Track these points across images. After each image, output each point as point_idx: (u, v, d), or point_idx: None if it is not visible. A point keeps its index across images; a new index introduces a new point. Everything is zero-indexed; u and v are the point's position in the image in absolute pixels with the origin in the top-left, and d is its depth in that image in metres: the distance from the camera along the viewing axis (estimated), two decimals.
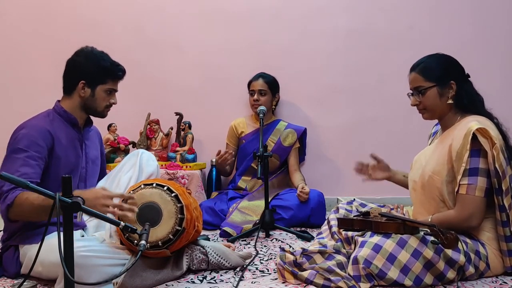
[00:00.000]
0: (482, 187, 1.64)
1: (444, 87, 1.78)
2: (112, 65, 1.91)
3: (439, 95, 1.78)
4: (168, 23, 3.33)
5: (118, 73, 1.93)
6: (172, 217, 1.67)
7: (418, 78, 1.80)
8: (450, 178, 1.71)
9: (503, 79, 3.07)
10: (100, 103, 1.91)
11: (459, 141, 1.67)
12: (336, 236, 1.84)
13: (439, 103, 1.79)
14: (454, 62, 1.83)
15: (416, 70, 1.82)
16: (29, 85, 3.37)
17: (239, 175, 3.06)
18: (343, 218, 1.85)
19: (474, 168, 1.65)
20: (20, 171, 1.65)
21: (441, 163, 1.73)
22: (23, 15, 3.40)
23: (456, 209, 1.68)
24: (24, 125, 1.78)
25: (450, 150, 1.70)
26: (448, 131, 1.81)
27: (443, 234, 1.48)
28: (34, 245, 1.64)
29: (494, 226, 1.70)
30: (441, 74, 1.78)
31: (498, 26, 3.11)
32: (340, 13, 3.21)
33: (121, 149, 3.12)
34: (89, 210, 1.30)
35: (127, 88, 3.28)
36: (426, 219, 1.73)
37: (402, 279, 1.54)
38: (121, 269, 1.59)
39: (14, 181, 1.18)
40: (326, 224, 2.00)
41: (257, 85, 2.98)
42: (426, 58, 1.85)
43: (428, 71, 1.79)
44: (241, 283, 1.68)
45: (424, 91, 1.79)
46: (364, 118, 3.19)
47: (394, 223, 1.62)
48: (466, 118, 1.75)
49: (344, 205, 2.05)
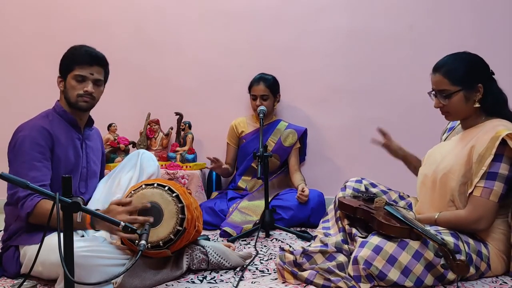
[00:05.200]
0: (498, 193, 1.62)
1: (471, 91, 1.71)
2: (78, 51, 1.83)
3: (465, 99, 1.71)
4: (168, 23, 3.33)
5: (83, 57, 1.81)
6: (173, 217, 1.67)
7: (443, 81, 1.72)
8: (465, 179, 1.67)
9: (503, 79, 3.06)
10: (72, 93, 1.83)
11: (483, 144, 1.63)
12: (339, 223, 1.81)
13: (465, 107, 1.73)
14: (480, 63, 1.75)
15: (441, 72, 1.73)
16: (29, 85, 3.37)
17: (239, 175, 3.06)
18: (346, 203, 1.80)
19: (494, 172, 1.62)
20: (29, 175, 1.66)
21: (459, 163, 1.69)
22: (23, 15, 3.40)
23: (467, 210, 1.65)
24: (22, 127, 1.78)
25: (471, 151, 1.66)
26: (469, 130, 1.75)
27: (454, 259, 1.41)
28: (34, 245, 1.64)
29: (503, 227, 1.68)
30: (468, 77, 1.70)
31: (498, 26, 3.10)
32: (340, 13, 3.21)
33: (121, 149, 3.12)
34: (89, 210, 1.30)
35: (127, 88, 3.33)
36: (432, 216, 1.71)
37: (403, 280, 1.54)
38: (122, 269, 1.59)
39: (14, 181, 1.18)
40: (333, 206, 1.96)
41: (259, 91, 2.97)
42: (451, 58, 1.76)
43: (454, 74, 1.71)
44: (241, 283, 1.68)
45: (450, 95, 1.72)
46: (364, 118, 3.19)
47: (400, 228, 1.56)
48: (491, 121, 1.70)
49: (352, 183, 1.99)
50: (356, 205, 1.77)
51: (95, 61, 1.84)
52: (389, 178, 2.66)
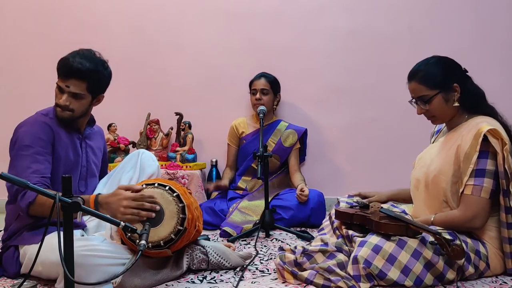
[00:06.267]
0: (488, 189, 1.63)
1: (448, 91, 1.74)
2: (64, 60, 1.77)
3: (445, 101, 1.75)
4: (168, 23, 3.33)
5: (62, 69, 1.76)
6: (174, 217, 1.67)
7: (420, 87, 1.76)
8: (456, 178, 1.70)
9: (503, 79, 3.07)
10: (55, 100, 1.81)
11: (467, 142, 1.65)
12: (337, 232, 1.83)
13: (446, 108, 1.76)
14: (452, 64, 1.80)
15: (416, 79, 1.77)
16: (29, 85, 3.38)
17: (239, 175, 3.06)
18: (342, 211, 1.83)
19: (481, 169, 1.64)
20: (32, 167, 1.66)
21: (448, 163, 1.71)
22: (23, 15, 3.40)
23: (460, 209, 1.67)
24: (23, 123, 1.79)
25: (458, 150, 1.68)
26: (454, 130, 1.79)
27: (449, 246, 1.45)
28: (34, 245, 1.64)
29: (498, 225, 1.69)
30: (443, 79, 1.74)
31: (497, 25, 3.11)
32: (340, 13, 3.21)
33: (121, 149, 3.12)
34: (89, 210, 1.30)
35: (127, 88, 3.33)
36: (428, 218, 1.72)
37: (403, 279, 1.54)
38: (122, 269, 1.59)
39: (14, 181, 1.18)
40: (328, 220, 1.99)
41: (260, 85, 2.98)
42: (423, 64, 1.79)
43: (429, 79, 1.74)
44: (241, 283, 1.68)
45: (430, 100, 1.75)
46: (364, 118, 3.20)
47: (396, 225, 1.60)
48: (474, 119, 1.73)
49: (345, 199, 2.04)
50: (352, 212, 1.81)
51: (72, 75, 1.75)
52: (389, 178, 2.67)
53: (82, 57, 1.77)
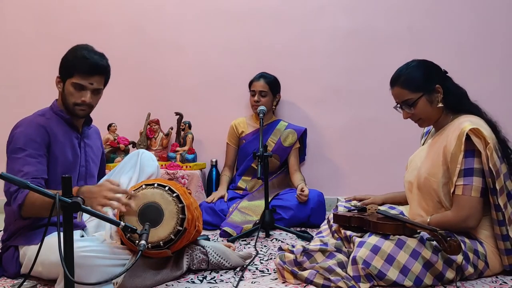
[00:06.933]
0: (478, 187, 1.64)
1: (431, 93, 1.77)
2: (79, 57, 1.75)
3: (429, 103, 1.77)
4: (168, 23, 3.33)
5: (83, 67, 1.75)
6: (174, 217, 1.67)
7: (403, 91, 1.79)
8: (446, 179, 1.71)
9: (502, 79, 3.07)
10: (70, 100, 1.79)
11: (452, 142, 1.67)
12: (336, 235, 1.84)
13: (431, 110, 1.78)
14: (432, 66, 1.82)
15: (399, 84, 1.80)
16: (29, 85, 3.38)
17: (239, 175, 3.06)
18: (340, 214, 1.85)
19: (469, 168, 1.65)
20: (24, 170, 1.66)
21: (436, 165, 1.73)
22: (23, 15, 3.40)
23: (453, 210, 1.68)
24: (19, 124, 1.79)
25: (444, 151, 1.70)
26: (440, 131, 1.81)
27: (446, 241, 1.47)
28: (34, 245, 1.64)
29: (491, 224, 1.70)
30: (424, 81, 1.76)
31: (497, 26, 3.10)
32: (340, 13, 3.21)
33: (121, 149, 3.12)
34: (89, 210, 1.30)
35: (127, 88, 3.33)
36: (424, 220, 1.73)
37: (402, 279, 1.54)
38: (122, 269, 1.59)
39: (14, 181, 1.18)
40: (326, 223, 2.00)
41: (258, 86, 2.98)
42: (404, 69, 1.82)
43: (412, 82, 1.77)
44: (241, 283, 1.68)
45: (414, 103, 1.77)
46: (364, 118, 3.20)
47: (393, 224, 1.61)
48: (458, 118, 1.75)
49: (343, 203, 2.06)
50: (350, 215, 1.82)
51: (96, 71, 1.77)
52: (389, 178, 2.66)
53: (94, 53, 1.81)
